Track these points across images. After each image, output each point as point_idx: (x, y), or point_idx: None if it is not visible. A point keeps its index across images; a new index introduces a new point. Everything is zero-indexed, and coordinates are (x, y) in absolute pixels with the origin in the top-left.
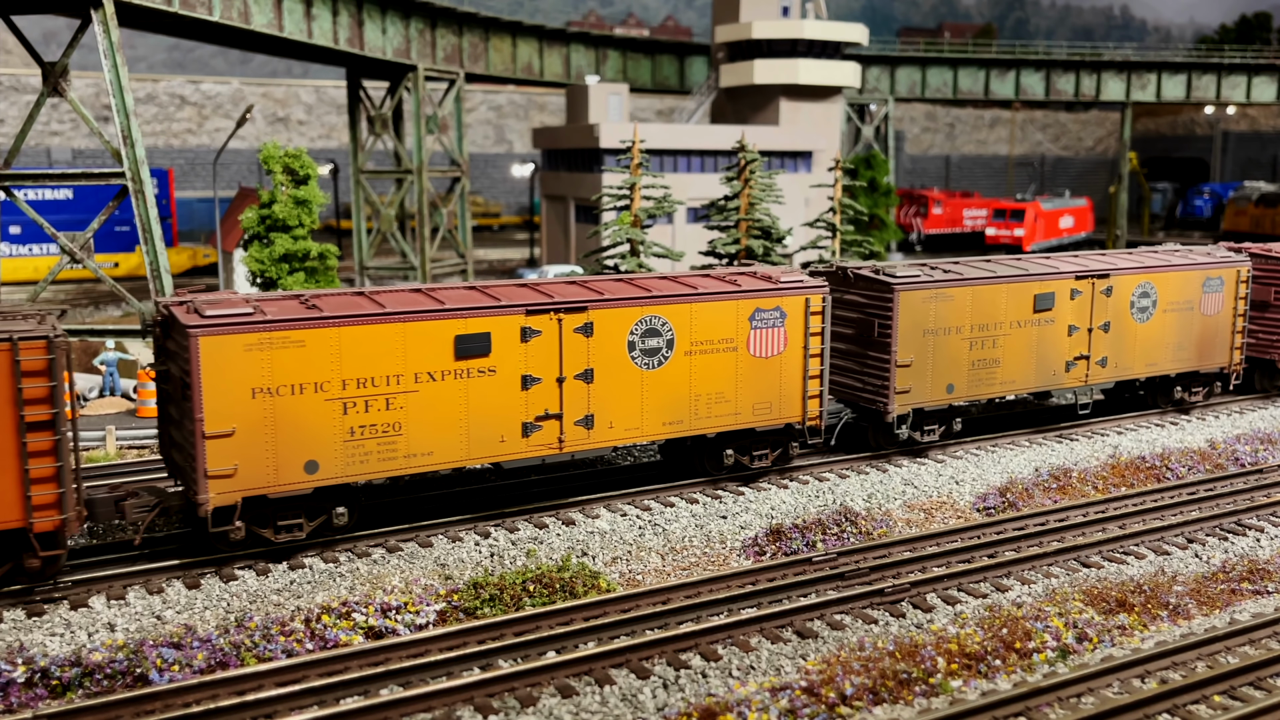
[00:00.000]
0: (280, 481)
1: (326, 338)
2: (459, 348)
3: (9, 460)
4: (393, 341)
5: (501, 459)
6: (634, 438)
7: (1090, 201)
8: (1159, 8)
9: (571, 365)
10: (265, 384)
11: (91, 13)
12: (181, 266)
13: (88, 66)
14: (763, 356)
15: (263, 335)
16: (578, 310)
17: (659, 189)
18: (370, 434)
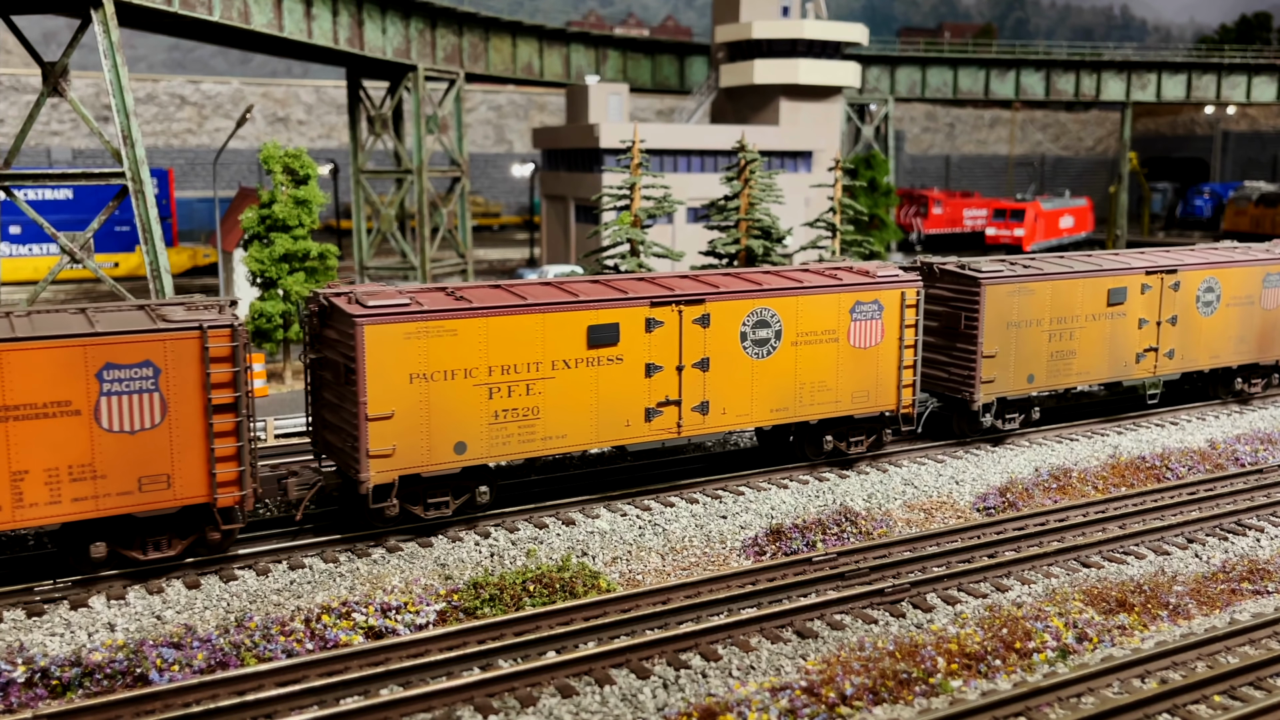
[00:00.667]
0: (433, 461)
1: (476, 327)
2: (591, 337)
3: (197, 440)
4: (533, 331)
5: (626, 442)
6: (745, 423)
7: (1090, 201)
8: (1159, 8)
9: (690, 354)
10: (421, 370)
11: (91, 13)
12: (181, 266)
13: (88, 66)
14: (861, 347)
15: (420, 324)
16: (697, 303)
17: (659, 189)
18: (512, 417)
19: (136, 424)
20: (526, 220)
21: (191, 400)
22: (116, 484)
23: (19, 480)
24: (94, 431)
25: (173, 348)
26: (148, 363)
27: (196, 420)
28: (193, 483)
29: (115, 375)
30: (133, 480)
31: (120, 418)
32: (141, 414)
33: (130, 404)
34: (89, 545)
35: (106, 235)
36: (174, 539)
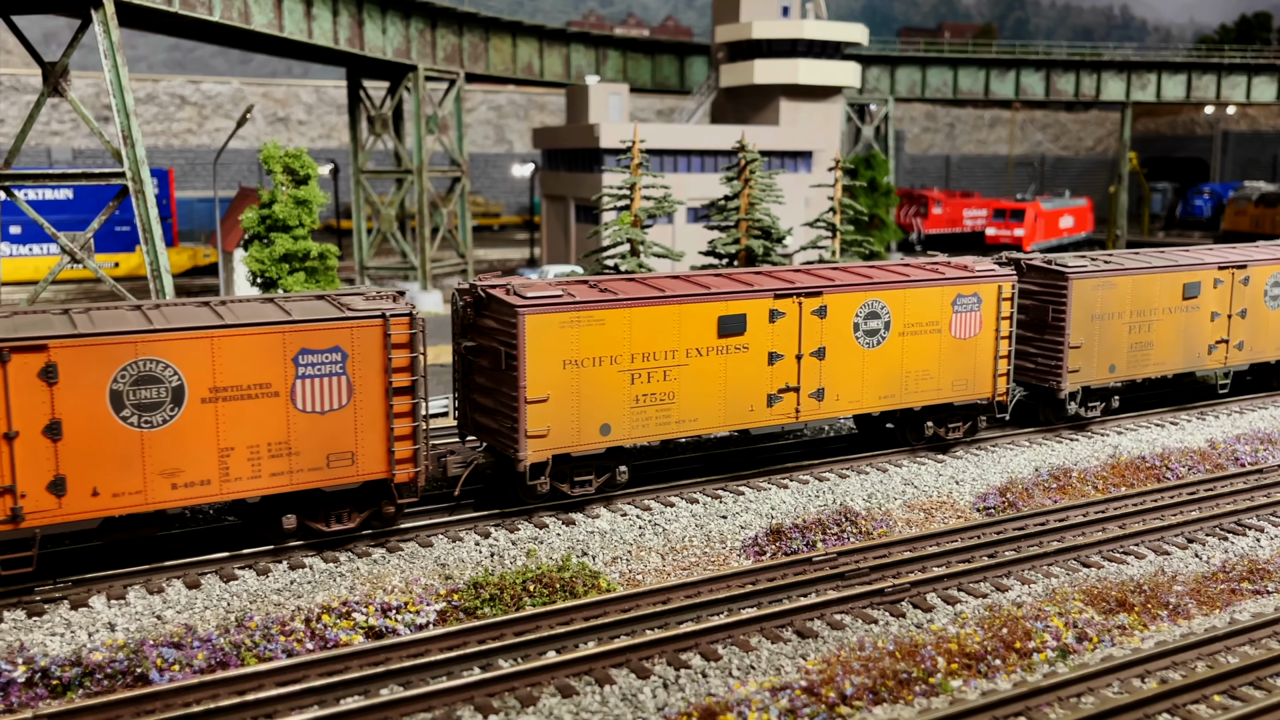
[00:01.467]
0: (581, 442)
1: (621, 317)
2: (721, 327)
3: (378, 420)
4: (671, 321)
5: (750, 425)
6: (856, 409)
7: (1090, 201)
8: (1159, 8)
9: (808, 343)
10: (573, 356)
11: (92, 13)
12: (181, 266)
13: (88, 66)
14: (961, 338)
15: (574, 314)
16: (815, 295)
17: (659, 189)
18: (650, 402)
19: (326, 405)
20: (526, 220)
21: (374, 383)
22: (308, 460)
23: (226, 456)
24: (290, 412)
25: (359, 334)
26: (337, 348)
27: (378, 402)
28: (374, 459)
29: (309, 360)
30: (322, 457)
31: (313, 399)
32: (331, 396)
33: (321, 386)
34: (281, 517)
35: (107, 235)
36: (354, 512)
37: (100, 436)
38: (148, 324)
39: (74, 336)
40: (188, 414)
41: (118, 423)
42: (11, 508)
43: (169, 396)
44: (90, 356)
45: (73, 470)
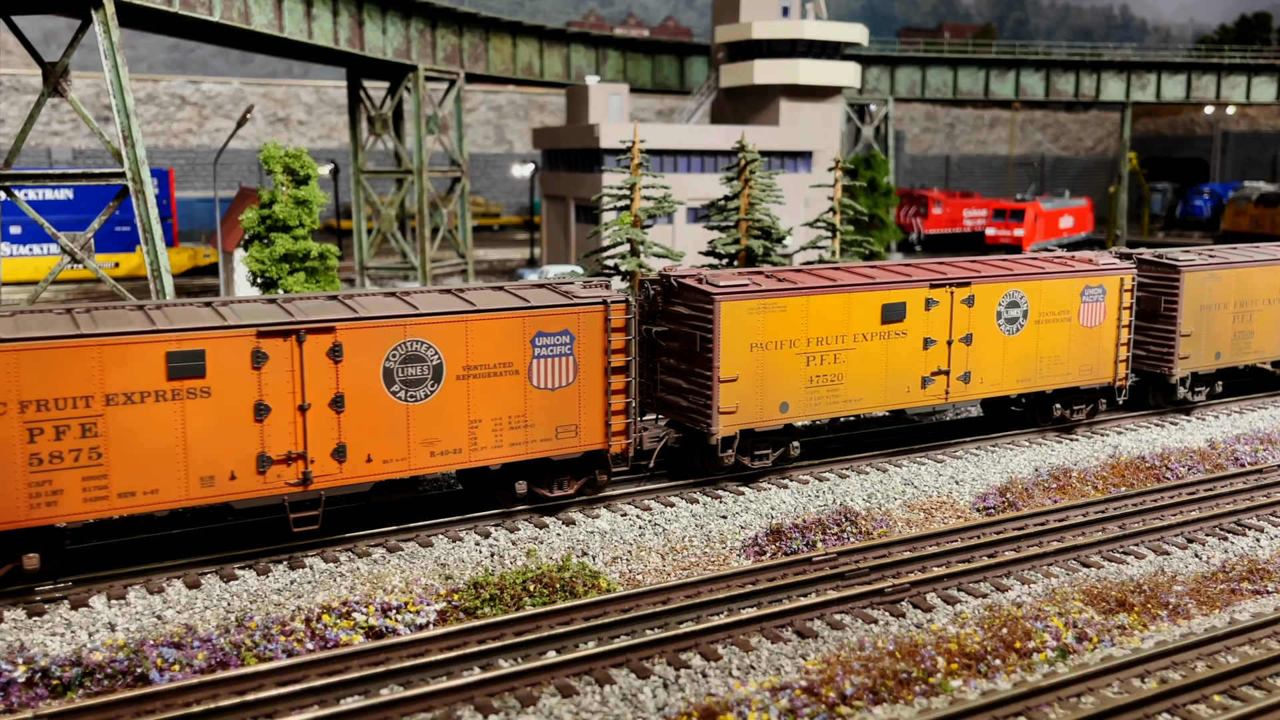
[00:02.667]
0: (764, 418)
1: (800, 304)
2: (884, 314)
3: (598, 396)
4: (841, 308)
5: (905, 406)
6: (997, 391)
7: (1090, 201)
8: (1159, 8)
9: (958, 330)
10: (758, 340)
11: (92, 13)
12: (182, 266)
13: (88, 66)
14: (1088, 326)
15: (760, 301)
16: (964, 285)
17: (659, 189)
18: (822, 382)
19: (556, 382)
20: (526, 220)
21: (595, 363)
22: (540, 432)
23: (475, 427)
24: (527, 388)
25: (584, 319)
26: (566, 331)
27: (599, 379)
28: (594, 432)
29: (544, 342)
30: (552, 429)
31: (546, 377)
32: (560, 374)
33: (553, 366)
34: (515, 483)
35: (107, 235)
36: (572, 479)
37: (374, 409)
38: (412, 309)
39: (356, 319)
40: (445, 390)
41: (388, 397)
42: (303, 472)
43: (430, 374)
44: (369, 337)
45: (352, 439)
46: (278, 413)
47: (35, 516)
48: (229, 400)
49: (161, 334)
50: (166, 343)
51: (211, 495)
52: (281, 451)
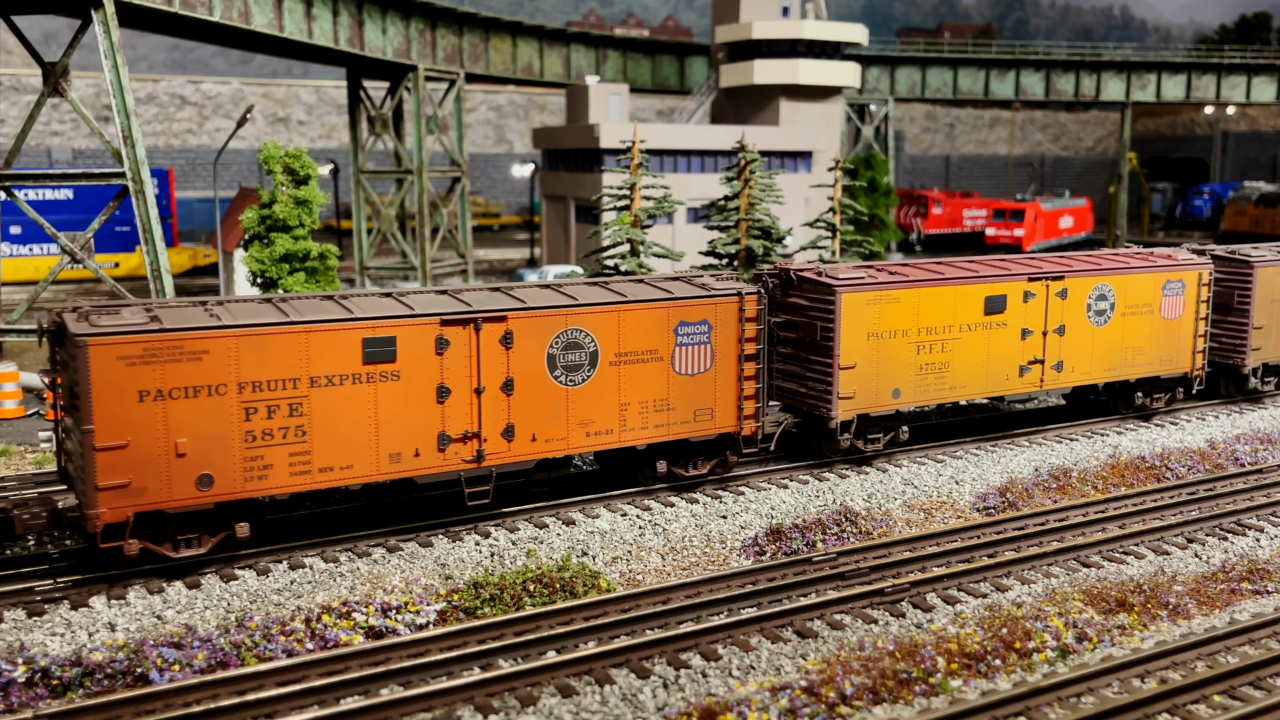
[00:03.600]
0: (877, 404)
1: (912, 296)
2: (987, 305)
3: (731, 382)
4: (948, 300)
5: (1005, 393)
6: (1086, 380)
7: (1090, 201)
8: (1159, 8)
9: (1053, 321)
10: (875, 329)
11: (92, 13)
12: (182, 266)
13: (88, 66)
14: (1169, 318)
15: (877, 293)
16: (1058, 278)
17: (659, 189)
18: (931, 370)
19: (696, 368)
20: (526, 220)
21: (730, 350)
22: (680, 415)
23: (624, 410)
24: (670, 374)
25: (721, 309)
26: (705, 321)
27: (732, 366)
28: (727, 415)
29: (686, 330)
30: (690, 412)
31: (687, 363)
32: (699, 361)
33: (693, 353)
34: (656, 463)
35: (107, 235)
36: (704, 460)
37: (539, 392)
38: (572, 300)
39: (526, 309)
40: (599, 375)
41: (551, 381)
42: (477, 450)
43: (587, 360)
44: (536, 326)
45: (519, 419)
46: (456, 395)
47: (249, 489)
48: (415, 383)
49: (359, 321)
50: (363, 330)
51: (398, 471)
52: (459, 431)
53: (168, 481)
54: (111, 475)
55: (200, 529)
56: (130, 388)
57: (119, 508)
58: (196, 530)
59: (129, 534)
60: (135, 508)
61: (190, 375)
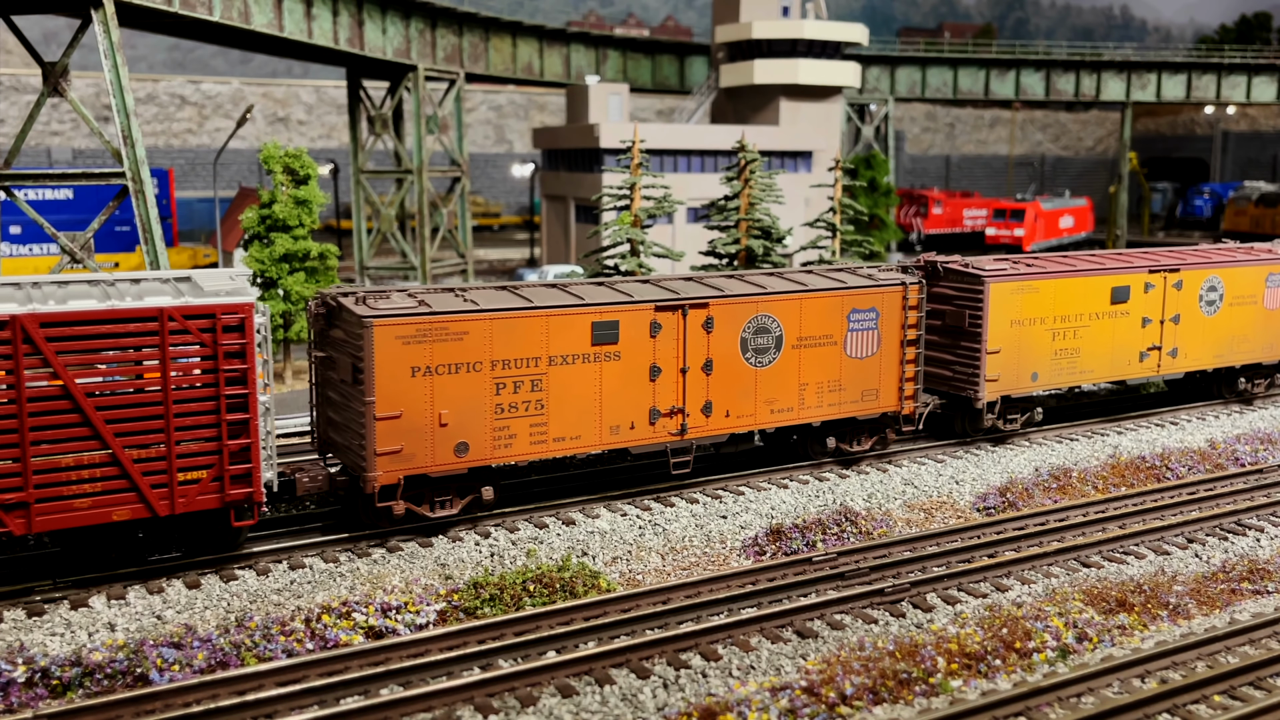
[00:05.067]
0: (1019, 386)
1: (1050, 286)
2: (1113, 296)
3: (894, 366)
4: (1079, 291)
5: (1126, 377)
6: (1195, 366)
7: (1090, 201)
8: (1159, 8)
9: (1169, 310)
10: (1017, 317)
11: (91, 13)
12: (182, 266)
13: (88, 66)
14: (1271, 309)
15: (1020, 283)
16: (1174, 270)
17: (659, 189)
18: (1064, 355)
19: (864, 352)
20: (526, 220)
21: (894, 336)
22: (850, 395)
23: (803, 389)
24: (842, 357)
25: (887, 298)
26: (873, 309)
27: (895, 351)
28: (889, 396)
29: (857, 317)
30: (858, 392)
31: (857, 347)
32: (867, 345)
33: (862, 338)
34: (826, 439)
35: (107, 235)
36: (866, 437)
37: (732, 372)
38: (761, 289)
39: (725, 297)
40: (783, 357)
41: (743, 362)
42: (681, 424)
43: (773, 344)
44: (732, 312)
45: (716, 397)
46: (666, 374)
47: (496, 455)
48: (632, 363)
49: (589, 307)
50: (592, 314)
51: (616, 441)
52: (667, 406)
53: (432, 448)
54: (388, 442)
55: (452, 492)
56: (405, 364)
57: (392, 471)
58: (449, 494)
59: (399, 495)
60: (405, 471)
61: (453, 353)
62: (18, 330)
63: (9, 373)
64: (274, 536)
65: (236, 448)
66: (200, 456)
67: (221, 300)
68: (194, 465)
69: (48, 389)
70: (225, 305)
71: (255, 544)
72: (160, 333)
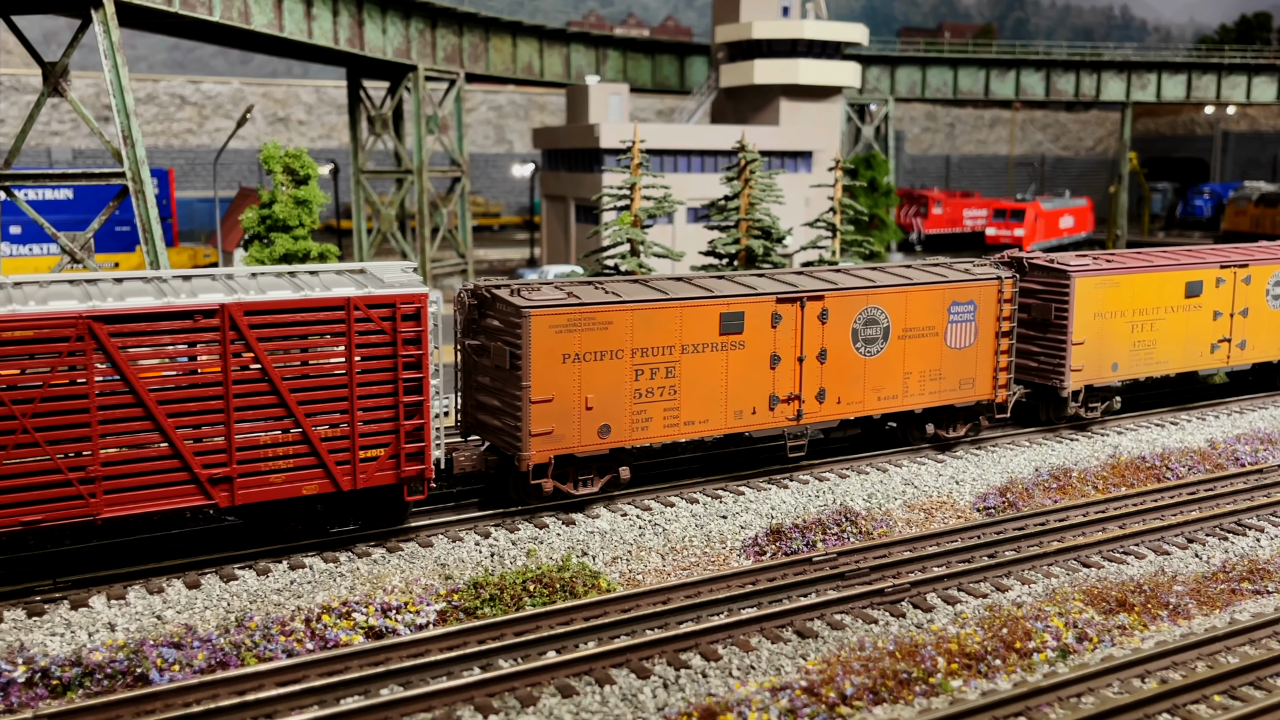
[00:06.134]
0: (1101, 376)
1: (1130, 280)
2: (1187, 290)
3: (989, 356)
4: (1156, 285)
5: (1197, 368)
6: (1263, 357)
7: (1090, 201)
8: (1159, 8)
9: (1238, 304)
10: (1100, 310)
11: (92, 13)
12: (182, 266)
13: (88, 66)
14: None
15: (1104, 278)
16: (1244, 266)
17: (659, 189)
18: (1141, 347)
19: (963, 343)
20: (526, 220)
21: (989, 328)
22: (949, 384)
23: (907, 378)
24: (942, 348)
25: (984, 291)
26: (971, 302)
27: (991, 341)
28: (984, 385)
29: (956, 309)
30: (956, 381)
31: (956, 338)
32: (965, 336)
33: (961, 329)
34: (925, 425)
35: (107, 235)
36: (961, 424)
37: (844, 361)
38: (870, 283)
39: (839, 289)
40: (890, 347)
41: (853, 352)
42: (798, 409)
43: (881, 334)
44: (845, 304)
45: (829, 384)
46: (784, 362)
47: (634, 438)
48: (755, 351)
49: (718, 299)
50: (720, 306)
51: (739, 425)
52: (785, 393)
53: (578, 430)
54: (541, 424)
55: (593, 471)
56: (557, 352)
57: (544, 451)
58: (590, 473)
59: (550, 473)
60: (555, 451)
61: (598, 342)
62: (225, 318)
63: (218, 357)
64: (425, 513)
65: (411, 427)
66: (379, 435)
67: (401, 291)
68: (373, 444)
69: (250, 372)
70: (404, 295)
71: (416, 519)
72: (346, 320)
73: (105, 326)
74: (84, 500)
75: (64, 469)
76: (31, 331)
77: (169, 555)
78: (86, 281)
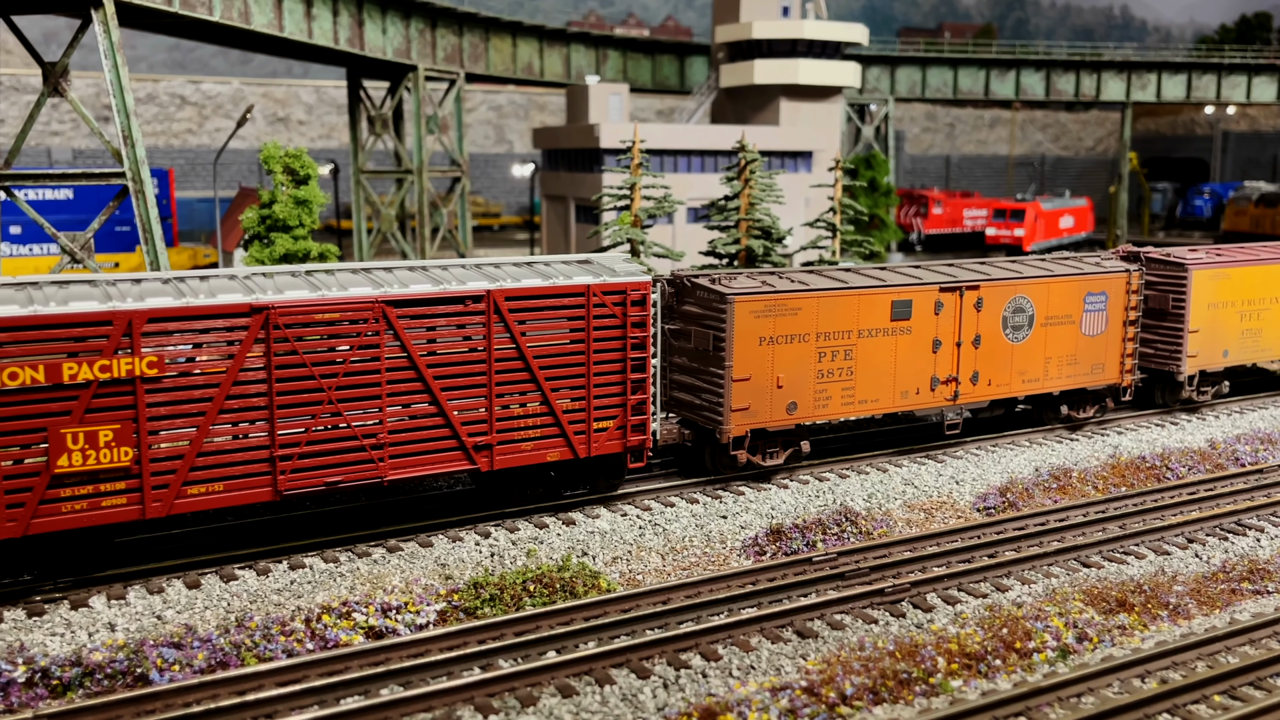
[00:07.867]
0: (1213, 363)
1: (1239, 273)
2: None
3: (1117, 343)
4: (1262, 278)
5: None
6: None
7: (1090, 201)
8: (1159, 8)
9: None
10: (1213, 300)
11: (92, 13)
12: (182, 266)
13: (88, 66)
14: None
15: (1218, 270)
16: None
17: (659, 189)
18: (1248, 335)
19: (1095, 330)
20: (526, 220)
21: (1118, 317)
22: (1083, 368)
23: (1048, 363)
24: (1078, 335)
25: (1113, 282)
26: (1103, 292)
27: (1119, 330)
28: (1112, 370)
29: (1091, 300)
30: (1089, 366)
31: (1090, 326)
32: (1098, 324)
33: (1095, 318)
34: (1059, 406)
35: (107, 235)
36: (1089, 406)
37: (995, 346)
38: (1018, 274)
39: (992, 280)
40: (1034, 334)
41: (1003, 338)
42: (955, 390)
43: (1026, 321)
44: (997, 293)
45: (982, 368)
46: (944, 347)
47: (816, 414)
48: (920, 336)
49: (889, 287)
50: (892, 294)
51: (904, 405)
52: (944, 375)
53: (770, 407)
54: (740, 400)
55: (778, 445)
56: (754, 335)
57: (742, 425)
58: (776, 445)
59: (747, 445)
60: (751, 425)
61: (788, 326)
62: (490, 302)
63: (483, 336)
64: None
65: (636, 401)
66: (609, 409)
67: (631, 279)
68: (605, 416)
69: (506, 350)
70: (633, 283)
71: (627, 485)
72: (586, 305)
73: (394, 310)
74: (374, 464)
75: (359, 435)
76: (338, 314)
77: (169, 555)
78: (259, 275)
